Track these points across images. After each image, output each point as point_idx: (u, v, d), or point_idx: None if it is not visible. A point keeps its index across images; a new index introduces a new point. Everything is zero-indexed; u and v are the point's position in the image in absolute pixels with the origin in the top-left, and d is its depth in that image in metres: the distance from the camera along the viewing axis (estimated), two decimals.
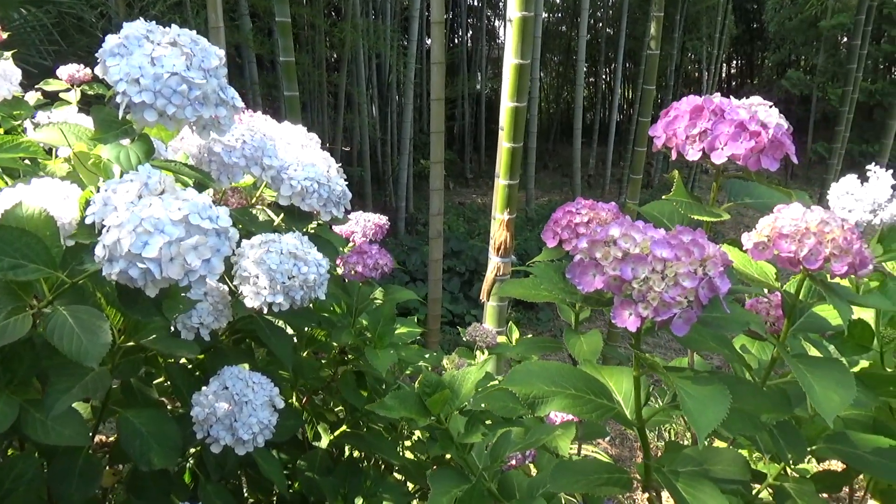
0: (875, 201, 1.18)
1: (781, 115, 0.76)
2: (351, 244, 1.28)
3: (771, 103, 0.79)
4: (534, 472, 1.16)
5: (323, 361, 1.26)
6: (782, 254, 0.63)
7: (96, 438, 1.07)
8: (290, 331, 1.06)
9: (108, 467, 1.07)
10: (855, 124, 9.18)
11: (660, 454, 0.84)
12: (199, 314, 0.91)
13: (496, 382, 1.16)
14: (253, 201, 1.17)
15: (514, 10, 2.36)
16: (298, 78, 6.67)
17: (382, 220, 1.36)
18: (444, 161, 4.01)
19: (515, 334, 1.67)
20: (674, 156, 0.78)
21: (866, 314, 1.09)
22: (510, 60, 2.46)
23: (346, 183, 1.09)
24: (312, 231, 1.36)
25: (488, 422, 1.29)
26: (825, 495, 1.67)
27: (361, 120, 7.18)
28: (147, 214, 0.62)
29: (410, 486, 1.39)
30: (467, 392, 0.80)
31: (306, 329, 1.25)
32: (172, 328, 0.90)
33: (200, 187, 0.90)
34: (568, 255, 0.80)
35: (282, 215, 1.07)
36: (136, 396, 0.96)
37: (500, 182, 2.66)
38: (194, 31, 0.78)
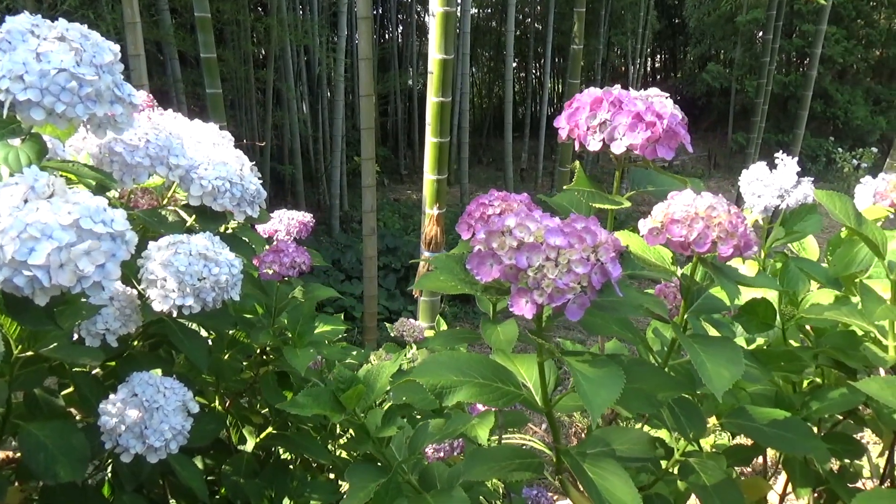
0: (782, 187, 1.25)
1: (676, 105, 0.79)
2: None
3: (667, 94, 0.82)
4: None
5: (244, 363, 1.23)
6: (674, 238, 0.65)
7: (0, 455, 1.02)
8: (205, 333, 1.04)
9: (16, 483, 1.02)
10: (771, 115, 9.64)
11: None
12: (105, 320, 0.87)
13: None
14: (164, 202, 1.13)
15: (436, 5, 2.37)
16: (224, 75, 6.50)
17: (307, 217, 1.34)
18: (377, 157, 4.00)
19: (444, 328, 1.68)
20: (577, 146, 0.80)
21: (770, 293, 1.15)
22: (434, 55, 2.47)
23: (262, 181, 1.07)
24: (231, 231, 1.34)
25: (417, 415, 1.30)
26: (745, 469, 1.75)
27: (291, 117, 7.06)
28: (33, 219, 0.59)
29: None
30: (382, 386, 0.80)
31: (230, 331, 1.23)
32: (77, 335, 0.87)
33: (102, 189, 0.87)
34: None
35: (194, 216, 1.04)
36: (40, 408, 0.92)
37: (429, 177, 2.68)
38: (85, 26, 0.75)
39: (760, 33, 8.94)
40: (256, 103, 7.15)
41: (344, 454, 1.40)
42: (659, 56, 14.57)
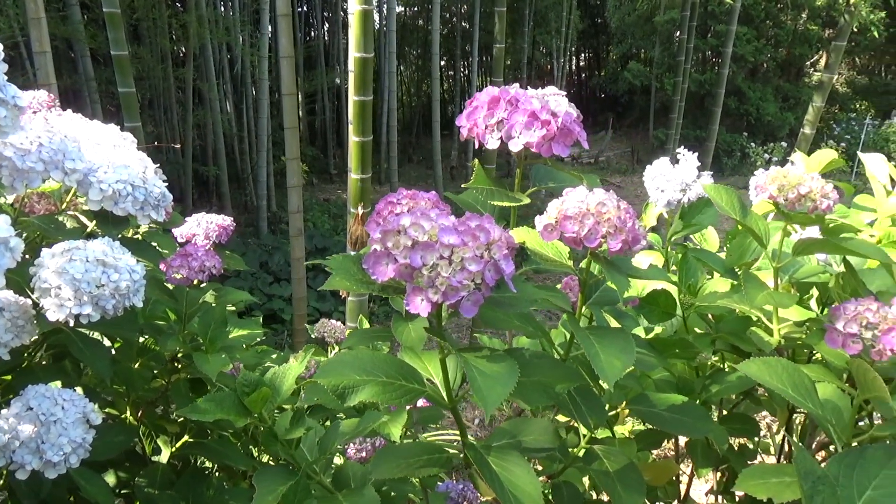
0: (683, 181, 1.30)
1: (571, 103, 0.82)
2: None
3: (564, 93, 0.85)
4: None
5: (155, 371, 1.20)
6: (566, 234, 0.68)
7: None
8: (108, 342, 1.00)
9: None
10: (689, 112, 10.03)
11: None
12: None
13: None
14: (63, 206, 1.09)
15: (354, 3, 2.36)
16: (140, 73, 6.27)
17: (227, 221, 1.31)
18: (305, 157, 3.94)
19: (366, 327, 1.68)
20: (477, 144, 0.81)
21: (670, 285, 1.20)
22: (353, 54, 2.46)
23: (167, 184, 1.04)
24: (140, 235, 1.29)
25: (340, 415, 1.30)
26: (670, 452, 1.82)
27: (214, 116, 6.87)
28: None
29: None
30: (288, 388, 0.80)
31: (139, 339, 1.19)
32: None
33: None
34: None
35: (94, 221, 1.01)
36: None
37: (353, 176, 2.66)
38: None
39: (678, 33, 9.31)
40: (176, 102, 6.91)
41: (270, 459, 1.38)
42: (583, 55, 14.91)
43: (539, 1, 9.82)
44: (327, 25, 10.36)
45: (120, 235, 0.99)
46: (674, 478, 1.31)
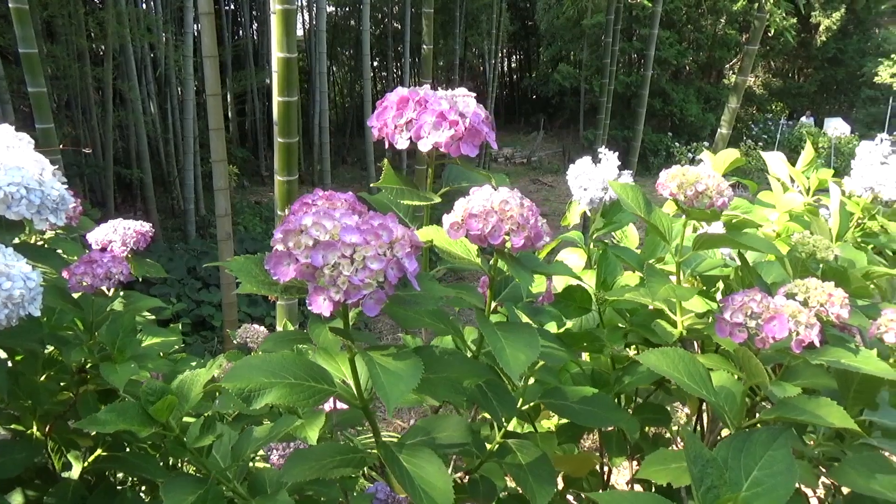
0: (605, 180, 1.34)
1: (479, 104, 0.83)
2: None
3: (474, 94, 0.86)
4: None
5: (63, 384, 1.15)
6: (471, 231, 0.69)
7: None
8: (3, 354, 0.95)
9: None
10: (617, 113, 10.31)
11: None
12: None
13: None
14: None
15: (275, 2, 2.32)
16: (56, 72, 5.99)
17: (145, 227, 1.27)
18: (234, 159, 3.84)
19: (290, 330, 1.65)
20: (387, 145, 0.82)
21: (589, 279, 1.23)
22: (276, 54, 2.42)
23: (66, 187, 1.00)
24: (44, 241, 1.23)
25: (266, 421, 1.27)
26: (589, 445, 1.87)
27: (137, 117, 6.63)
28: None
29: None
30: (196, 396, 0.78)
31: (44, 350, 1.13)
32: None
33: None
34: None
35: None
36: None
37: (279, 179, 2.62)
38: None
39: (604, 36, 9.56)
40: (95, 103, 6.63)
41: (192, 469, 1.34)
42: (515, 56, 15.14)
43: (470, 3, 9.90)
44: (256, 24, 10.15)
45: (16, 241, 0.94)
46: (598, 468, 1.34)
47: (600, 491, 1.38)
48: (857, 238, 1.24)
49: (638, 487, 1.32)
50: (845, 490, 0.86)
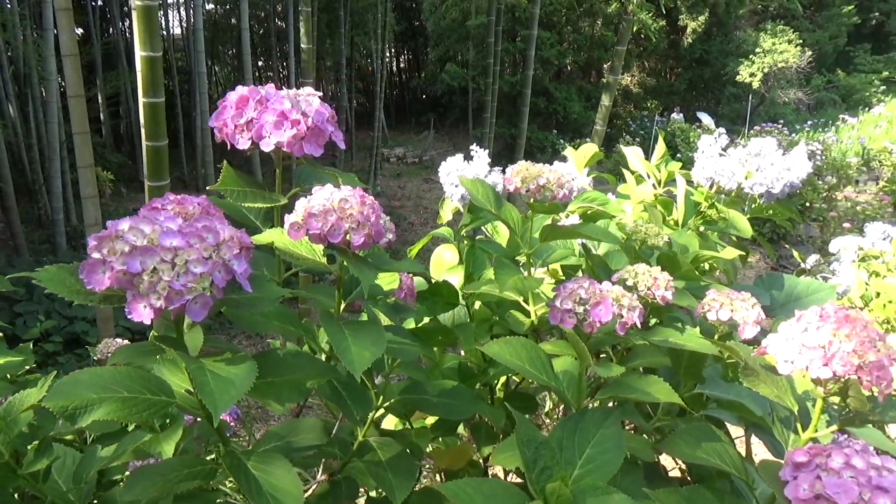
0: (476, 175, 1.36)
1: (324, 103, 0.82)
2: None
3: (320, 93, 0.85)
4: None
5: None
6: (311, 231, 0.68)
7: None
8: None
9: None
10: (504, 111, 10.56)
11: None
12: None
13: None
14: None
15: None
16: None
17: None
18: (109, 164, 3.60)
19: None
20: (229, 146, 0.80)
21: (454, 277, 1.26)
22: (139, 52, 2.30)
23: None
24: None
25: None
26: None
27: None
28: None
29: None
30: (26, 417, 0.73)
31: None
32: None
33: None
34: None
35: None
36: None
37: (148, 184, 2.49)
38: None
39: (487, 36, 9.76)
40: None
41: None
42: (404, 56, 15.16)
43: (355, 2, 9.82)
44: (128, 21, 9.59)
45: None
46: (479, 460, 1.37)
47: None
48: (698, 225, 1.33)
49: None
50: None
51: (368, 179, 9.26)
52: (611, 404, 0.95)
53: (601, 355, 0.99)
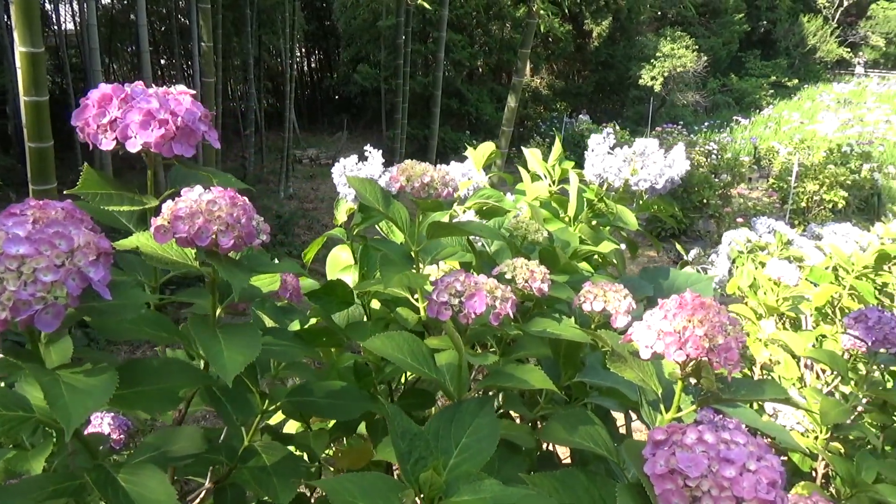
0: (371, 176, 1.36)
1: (196, 102, 0.80)
2: None
3: (194, 91, 0.83)
4: None
5: None
6: (178, 234, 0.66)
7: None
8: None
9: None
10: (417, 113, 10.60)
11: None
12: None
13: None
14: None
15: None
16: None
17: None
18: None
19: None
20: (91, 146, 0.76)
21: (348, 276, 1.25)
22: (19, 48, 2.17)
23: None
24: None
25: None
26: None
27: None
28: None
29: None
30: None
31: None
32: None
33: None
34: None
35: None
36: None
37: (33, 188, 2.35)
38: None
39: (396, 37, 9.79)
40: None
41: None
42: (315, 56, 14.95)
43: (262, 0, 9.59)
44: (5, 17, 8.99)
45: None
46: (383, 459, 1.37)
47: None
48: (590, 219, 1.39)
49: None
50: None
51: (280, 181, 9.07)
52: (498, 395, 0.98)
53: (490, 348, 1.01)
